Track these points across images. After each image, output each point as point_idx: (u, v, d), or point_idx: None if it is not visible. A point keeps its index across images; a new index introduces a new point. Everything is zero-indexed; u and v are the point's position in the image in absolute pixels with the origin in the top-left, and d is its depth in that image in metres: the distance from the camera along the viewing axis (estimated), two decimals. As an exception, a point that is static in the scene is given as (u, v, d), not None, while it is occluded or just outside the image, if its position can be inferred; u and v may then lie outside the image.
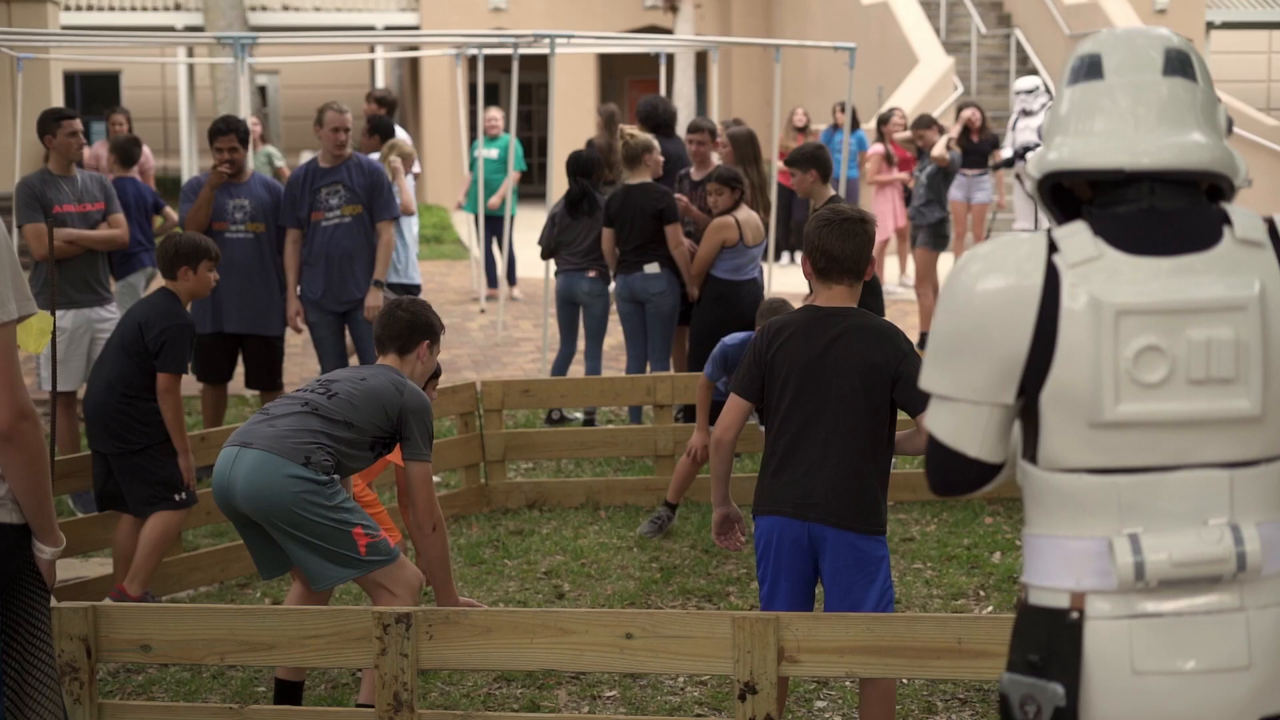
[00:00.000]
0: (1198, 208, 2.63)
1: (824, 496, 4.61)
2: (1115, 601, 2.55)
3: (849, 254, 4.68)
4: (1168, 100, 2.62)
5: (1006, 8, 25.37)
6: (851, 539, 4.62)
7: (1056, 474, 2.61)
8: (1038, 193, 2.74)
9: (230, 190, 8.88)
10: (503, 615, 4.47)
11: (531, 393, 8.57)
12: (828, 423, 4.64)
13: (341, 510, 5.00)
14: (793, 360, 4.69)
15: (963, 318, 2.62)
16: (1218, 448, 2.57)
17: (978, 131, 16.19)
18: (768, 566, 4.70)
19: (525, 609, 5.00)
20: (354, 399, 5.20)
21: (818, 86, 24.18)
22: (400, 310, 5.51)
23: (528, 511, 8.24)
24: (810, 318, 4.73)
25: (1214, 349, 2.53)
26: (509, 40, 12.64)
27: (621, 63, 30.00)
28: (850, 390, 4.63)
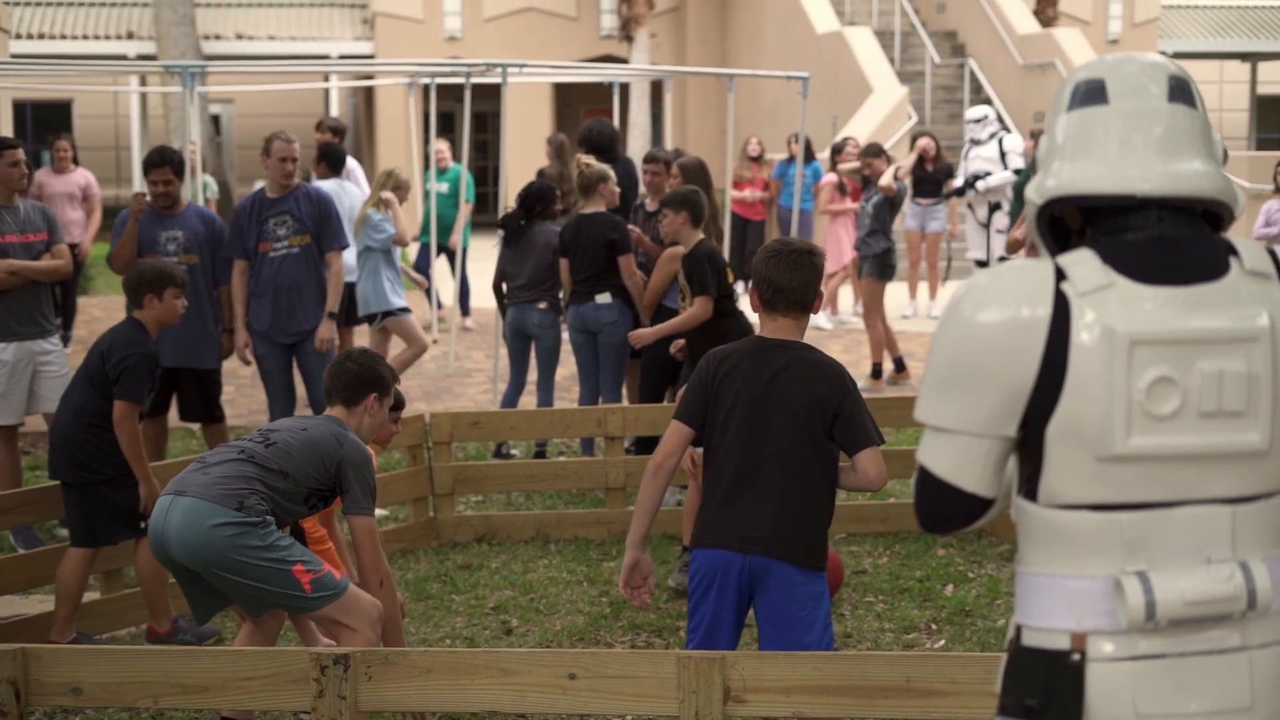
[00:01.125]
0: (1203, 237, 2.58)
1: (769, 530, 4.56)
2: (1118, 642, 2.48)
3: (795, 286, 4.66)
4: (1174, 128, 2.58)
5: (960, 38, 25.49)
6: (793, 574, 4.58)
7: (1056, 510, 2.53)
8: (1036, 220, 2.66)
9: (163, 221, 8.72)
10: (443, 655, 4.38)
11: (481, 425, 8.47)
12: (773, 455, 4.60)
13: (278, 549, 4.90)
14: (738, 390, 4.64)
15: (966, 347, 2.53)
16: (1222, 483, 2.51)
17: (932, 161, 16.22)
18: (708, 603, 4.62)
19: (466, 649, 4.90)
20: (291, 448, 5.09)
21: (772, 116, 24.21)
22: (350, 362, 5.40)
23: (476, 545, 8.15)
24: (756, 348, 4.71)
25: (1226, 381, 2.47)
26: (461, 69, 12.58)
27: (577, 92, 29.99)
28: (795, 423, 4.59)
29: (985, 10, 24.53)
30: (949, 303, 2.59)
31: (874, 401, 8.71)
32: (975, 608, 6.99)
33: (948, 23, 25.92)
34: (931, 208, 16.32)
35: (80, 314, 16.25)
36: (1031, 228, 2.69)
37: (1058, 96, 2.71)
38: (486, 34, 27.69)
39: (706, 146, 26.42)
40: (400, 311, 10.45)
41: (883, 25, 25.63)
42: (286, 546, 4.93)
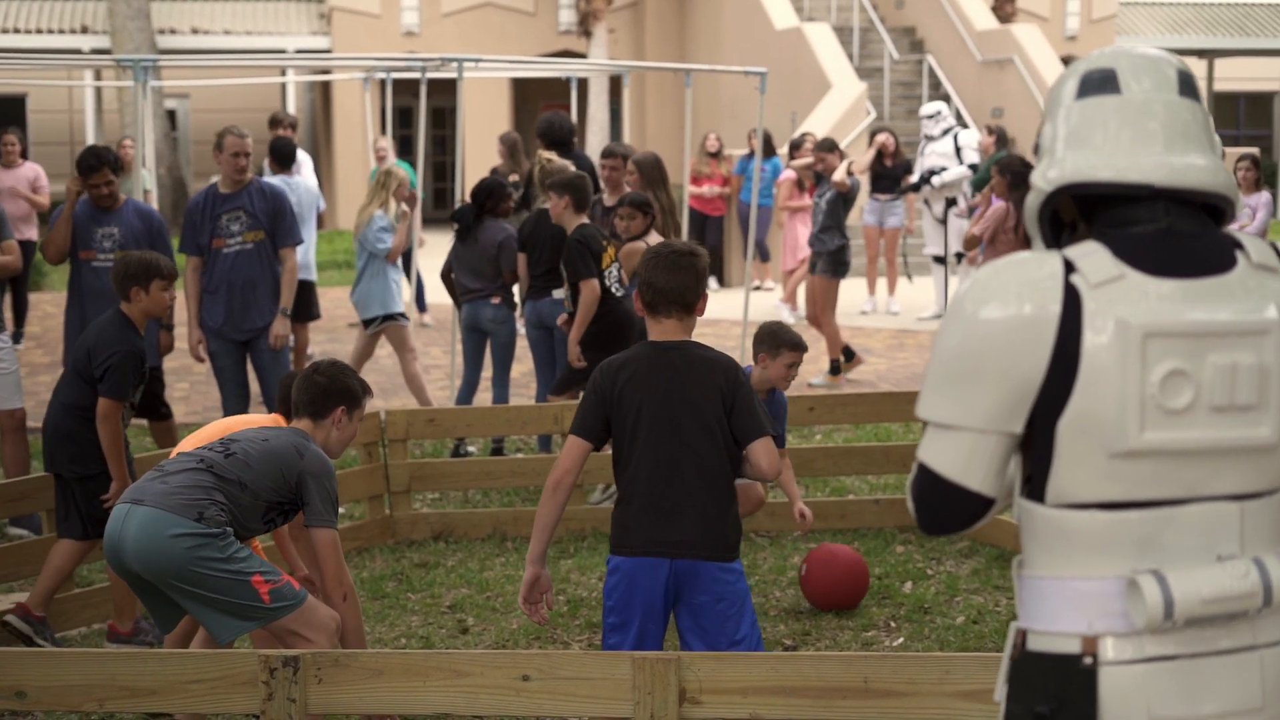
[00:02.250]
0: (1209, 231, 2.55)
1: (695, 533, 4.61)
2: (1132, 644, 2.44)
3: (674, 286, 4.69)
4: (1185, 121, 2.55)
5: (919, 34, 25.51)
6: (718, 572, 4.65)
7: (1065, 511, 2.47)
8: (1040, 208, 2.61)
9: (99, 218, 8.58)
10: (394, 657, 4.32)
11: (437, 422, 8.41)
12: (687, 456, 4.65)
13: (237, 560, 4.80)
14: (640, 396, 4.68)
15: (974, 341, 2.47)
16: (1231, 479, 2.47)
17: (891, 156, 16.22)
18: (631, 610, 4.64)
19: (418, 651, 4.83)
20: (251, 459, 4.98)
21: (731, 111, 24.18)
22: (318, 374, 5.28)
23: (433, 543, 8.08)
24: (649, 353, 4.76)
25: (1239, 374, 2.44)
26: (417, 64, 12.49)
27: (535, 87, 29.91)
28: (700, 422, 4.66)
29: (944, 6, 24.56)
30: (954, 296, 2.53)
31: (835, 398, 8.70)
32: (934, 605, 6.96)
33: (906, 19, 25.94)
34: (890, 203, 16.32)
35: (33, 310, 16.10)
36: (1031, 217, 2.63)
37: (1059, 86, 2.67)
38: (444, 29, 27.57)
39: (665, 142, 26.38)
40: (400, 317, 10.31)
41: (841, 21, 25.61)
42: (245, 558, 4.83)
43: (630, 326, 8.56)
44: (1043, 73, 22.03)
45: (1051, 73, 22.11)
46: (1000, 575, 7.38)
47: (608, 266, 8.65)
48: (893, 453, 8.57)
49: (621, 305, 8.60)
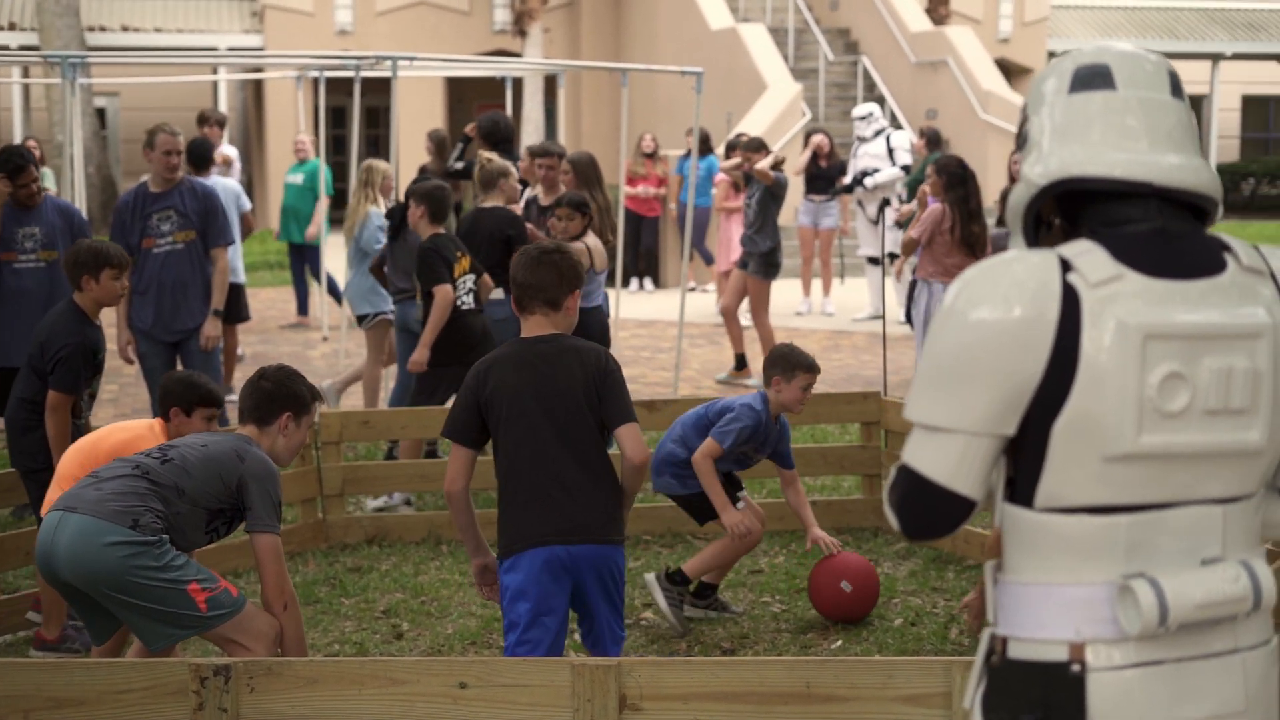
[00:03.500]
0: (1199, 232, 2.51)
1: (581, 517, 4.76)
2: (1120, 650, 2.40)
3: (536, 282, 4.88)
4: (1178, 121, 2.53)
5: (853, 35, 25.58)
6: (613, 554, 4.84)
7: (1055, 515, 2.43)
8: (1027, 203, 2.56)
9: (19, 217, 8.42)
10: (329, 665, 4.23)
11: (371, 424, 8.31)
12: (565, 445, 4.79)
13: (173, 569, 4.68)
14: (510, 392, 4.83)
15: (969, 341, 2.41)
16: (1218, 482, 2.44)
17: (826, 158, 16.23)
18: (535, 603, 4.74)
19: (353, 659, 4.74)
20: (189, 465, 4.86)
21: (668, 111, 24.14)
22: (264, 380, 5.17)
23: (367, 547, 7.98)
24: (518, 350, 4.93)
25: (1234, 378, 2.41)
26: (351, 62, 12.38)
27: (469, 87, 29.77)
28: (572, 409, 4.80)
29: (878, 8, 24.64)
30: (948, 295, 2.47)
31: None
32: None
33: (841, 20, 26.01)
34: (824, 204, 16.33)
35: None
36: (1017, 212, 2.58)
37: (1043, 81, 2.63)
38: (378, 28, 27.40)
39: (600, 142, 26.32)
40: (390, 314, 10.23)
41: (776, 22, 25.66)
42: (181, 566, 4.72)
43: (475, 339, 8.64)
44: (976, 74, 22.12)
45: (985, 75, 22.20)
46: (937, 577, 7.37)
47: (460, 276, 8.68)
48: (830, 454, 8.55)
49: (465, 318, 8.66)
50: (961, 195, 9.76)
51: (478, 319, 8.76)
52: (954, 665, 3.98)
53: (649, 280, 19.38)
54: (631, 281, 18.93)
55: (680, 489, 6.60)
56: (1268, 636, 2.51)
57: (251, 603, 4.91)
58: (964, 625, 6.65)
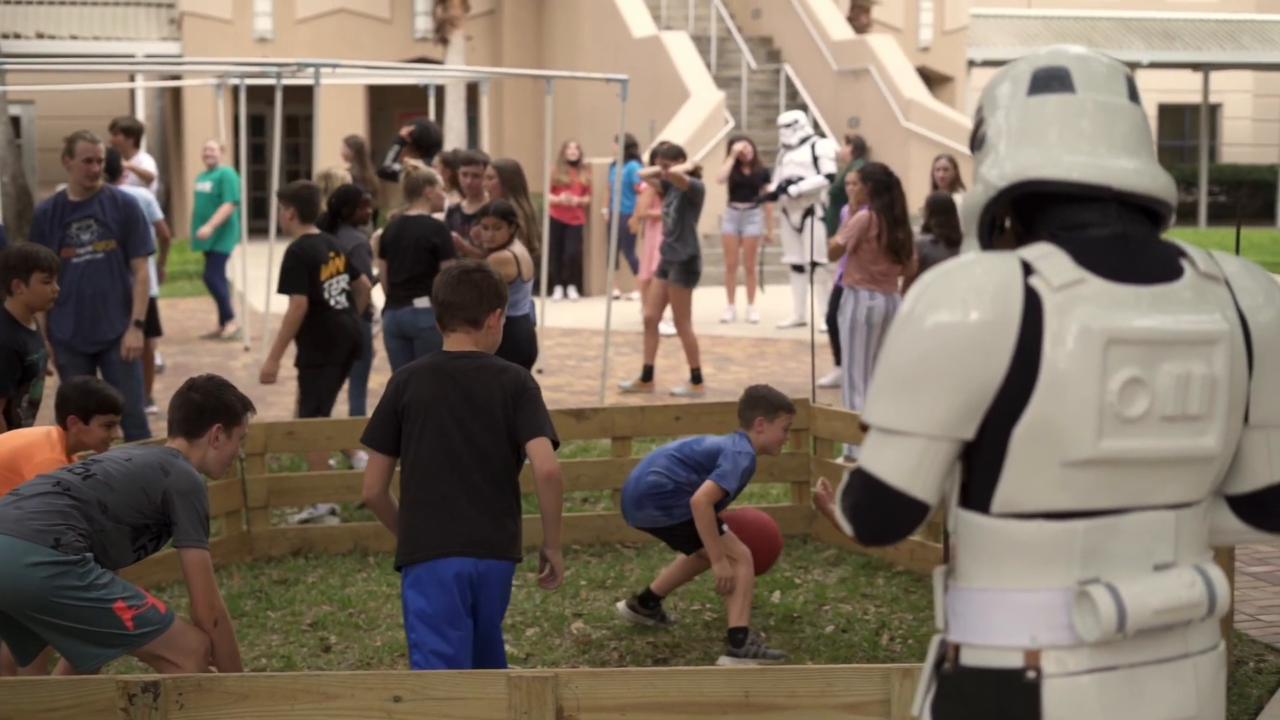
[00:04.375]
0: (1155, 236, 2.50)
1: (492, 533, 4.80)
2: (1075, 656, 2.38)
3: (457, 301, 4.96)
4: (1136, 125, 2.51)
5: (776, 43, 25.66)
6: (510, 571, 4.89)
7: (1011, 521, 2.41)
8: (984, 205, 2.54)
9: None
10: (260, 680, 4.15)
11: (296, 435, 8.21)
12: (475, 459, 4.83)
13: (98, 587, 4.58)
14: (425, 401, 4.88)
15: (929, 344, 2.37)
16: (1173, 488, 2.43)
17: (749, 165, 16.24)
18: (442, 613, 4.76)
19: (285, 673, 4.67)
20: (112, 479, 4.76)
21: (590, 119, 24.12)
22: (193, 391, 5.07)
23: (292, 559, 7.88)
24: (438, 361, 4.99)
25: (1192, 384, 2.40)
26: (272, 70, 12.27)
27: (391, 95, 29.61)
28: (486, 424, 4.85)
29: (800, 16, 24.72)
30: (908, 297, 2.44)
31: (701, 406, 8.64)
32: (804, 614, 6.92)
33: (763, 28, 26.08)
34: (748, 212, 16.34)
35: None
36: (972, 214, 2.56)
37: (998, 84, 2.61)
38: (298, 35, 27.20)
39: (522, 150, 26.24)
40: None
41: (699, 30, 25.69)
42: (106, 584, 4.61)
43: (344, 339, 8.68)
44: (898, 82, 22.24)
45: (906, 83, 22.32)
46: (867, 583, 7.37)
47: (330, 278, 8.67)
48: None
49: (337, 318, 8.67)
50: (887, 202, 9.77)
51: (350, 319, 8.79)
52: (892, 672, 3.97)
53: (573, 288, 19.35)
54: (556, 290, 18.88)
55: (666, 520, 6.47)
56: (1216, 641, 2.51)
57: (180, 618, 4.83)
58: (893, 630, 6.66)
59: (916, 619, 6.82)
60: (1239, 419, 2.48)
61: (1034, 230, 2.53)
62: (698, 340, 12.79)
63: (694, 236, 12.33)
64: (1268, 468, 2.53)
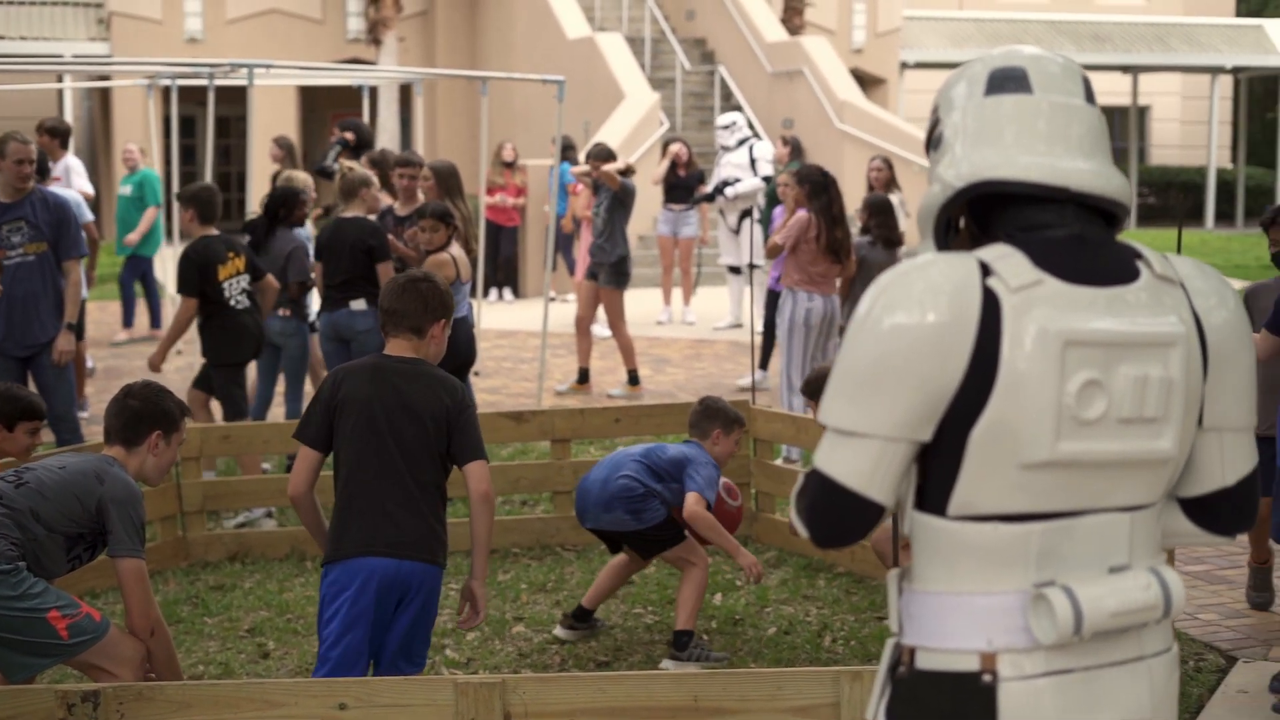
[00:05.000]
0: (1112, 238, 2.49)
1: (418, 536, 4.79)
2: (1031, 659, 2.37)
3: (401, 309, 4.99)
4: (1094, 127, 2.50)
5: (710, 45, 25.67)
6: (437, 576, 4.87)
7: (968, 524, 2.39)
8: (941, 205, 2.52)
9: None
10: (203, 689, 4.09)
11: (232, 439, 8.12)
12: (406, 463, 4.82)
13: (30, 597, 4.49)
14: (362, 403, 4.87)
15: (886, 346, 2.35)
16: (1128, 491, 2.43)
17: (684, 166, 16.22)
18: (348, 612, 4.73)
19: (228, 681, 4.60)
20: (44, 487, 4.67)
21: (524, 120, 24.06)
22: (130, 398, 4.98)
23: (229, 565, 7.79)
24: (376, 363, 5.00)
25: (1149, 387, 2.39)
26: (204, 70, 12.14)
27: (323, 96, 29.42)
28: (418, 431, 4.84)
29: (734, 18, 24.75)
30: (865, 298, 2.42)
31: (640, 409, 8.61)
32: (746, 615, 6.91)
33: (697, 30, 26.09)
34: (684, 213, 16.32)
35: None
36: (929, 215, 2.54)
37: (953, 84, 2.59)
38: (229, 36, 26.96)
39: (456, 152, 26.14)
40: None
41: (633, 31, 25.67)
42: (39, 593, 4.53)
43: (248, 337, 8.72)
44: (832, 84, 22.30)
45: (840, 84, 22.38)
46: (808, 585, 7.36)
47: (229, 278, 8.67)
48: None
49: (239, 318, 8.70)
50: (824, 203, 9.78)
51: (253, 318, 8.80)
52: (842, 675, 3.95)
53: (509, 290, 19.28)
54: (491, 292, 18.80)
55: (634, 524, 6.39)
56: (1170, 644, 2.52)
57: (115, 626, 4.75)
58: (835, 631, 6.65)
59: (858, 620, 6.82)
60: (1194, 421, 2.48)
61: (990, 231, 2.52)
62: (633, 341, 12.76)
63: (623, 237, 12.29)
64: (1220, 471, 2.53)
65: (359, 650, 4.76)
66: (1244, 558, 7.44)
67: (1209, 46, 32.18)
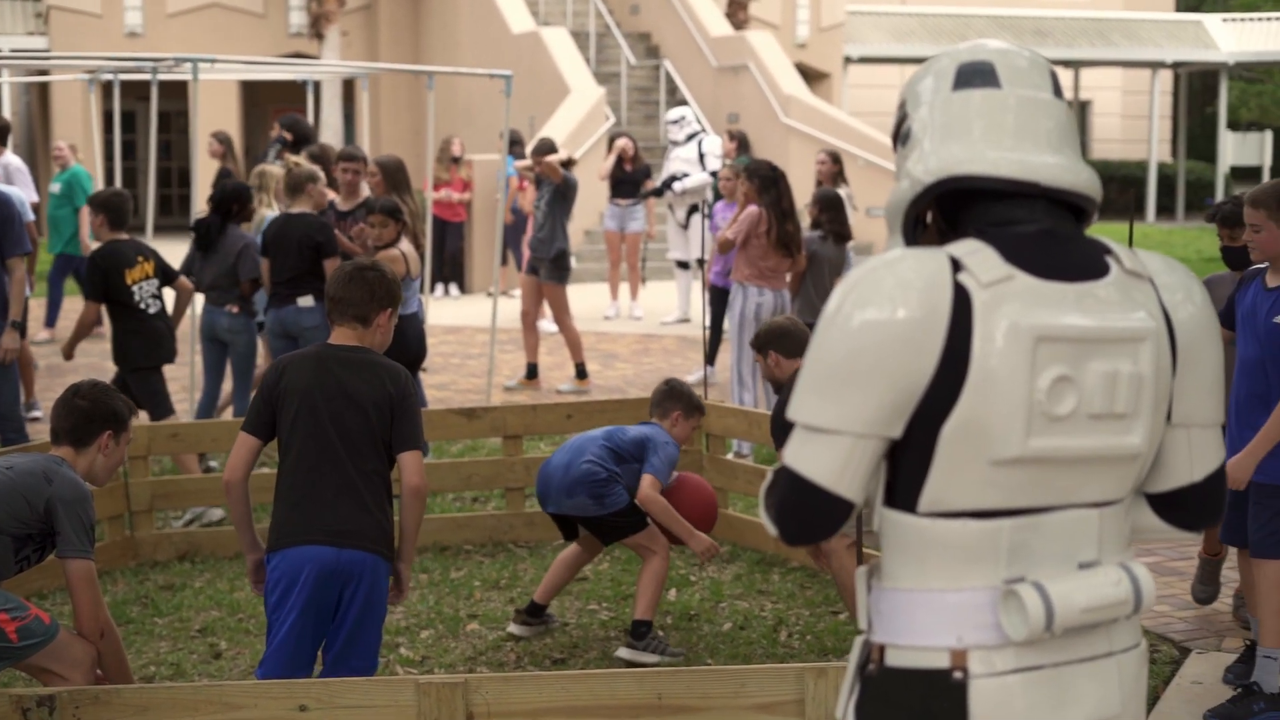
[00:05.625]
0: (1081, 233, 2.48)
1: (359, 524, 4.74)
2: (1002, 656, 2.36)
3: (347, 298, 4.95)
4: (1062, 121, 2.49)
5: (655, 39, 25.63)
6: (383, 568, 4.81)
7: (938, 520, 2.38)
8: (910, 201, 2.49)
9: None
10: (160, 691, 4.03)
11: (180, 437, 8.03)
12: (348, 452, 4.79)
13: None
14: (305, 391, 4.84)
15: (857, 342, 2.33)
16: (1096, 486, 2.42)
17: (631, 161, 16.18)
18: (291, 601, 4.69)
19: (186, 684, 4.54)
20: None
21: (467, 115, 23.96)
22: (79, 397, 4.90)
23: (178, 564, 7.72)
24: (319, 352, 4.96)
25: (1119, 383, 2.38)
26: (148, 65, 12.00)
27: (265, 91, 29.22)
28: (360, 420, 4.81)
29: (679, 12, 24.72)
30: (835, 294, 2.39)
31: (592, 404, 8.58)
32: (700, 611, 6.89)
33: (642, 24, 26.05)
34: (630, 208, 16.28)
35: None
36: (898, 210, 2.52)
37: (920, 79, 2.57)
38: (170, 30, 26.73)
39: (400, 147, 26.00)
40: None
41: (578, 26, 25.60)
42: None
43: (160, 341, 8.66)
44: (777, 79, 22.31)
45: (785, 79, 22.40)
46: (763, 580, 7.36)
47: (138, 282, 8.60)
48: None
49: (151, 322, 8.63)
50: (774, 197, 9.77)
51: (163, 321, 8.73)
52: (806, 672, 3.94)
53: (455, 286, 19.20)
54: (437, 287, 18.72)
55: (596, 509, 6.34)
56: (1138, 639, 2.52)
57: (65, 628, 4.68)
58: (791, 626, 6.65)
59: (813, 615, 6.82)
60: (1163, 417, 2.47)
61: (958, 227, 2.51)
62: (581, 336, 12.72)
63: (563, 232, 12.24)
64: (1188, 466, 2.53)
65: (300, 639, 4.73)
66: (1195, 549, 7.48)
67: (1149, 41, 32.41)
